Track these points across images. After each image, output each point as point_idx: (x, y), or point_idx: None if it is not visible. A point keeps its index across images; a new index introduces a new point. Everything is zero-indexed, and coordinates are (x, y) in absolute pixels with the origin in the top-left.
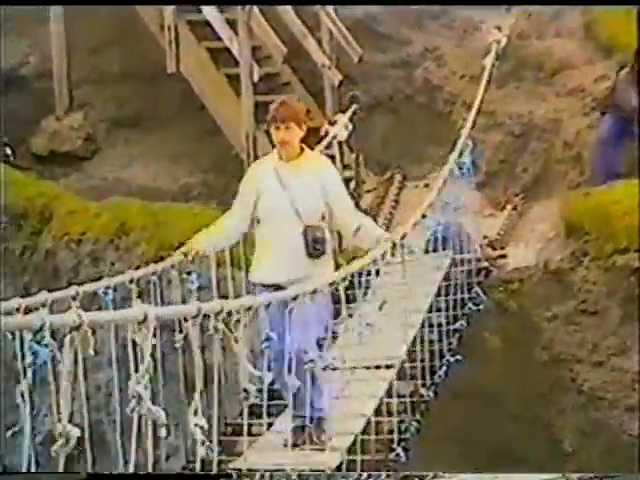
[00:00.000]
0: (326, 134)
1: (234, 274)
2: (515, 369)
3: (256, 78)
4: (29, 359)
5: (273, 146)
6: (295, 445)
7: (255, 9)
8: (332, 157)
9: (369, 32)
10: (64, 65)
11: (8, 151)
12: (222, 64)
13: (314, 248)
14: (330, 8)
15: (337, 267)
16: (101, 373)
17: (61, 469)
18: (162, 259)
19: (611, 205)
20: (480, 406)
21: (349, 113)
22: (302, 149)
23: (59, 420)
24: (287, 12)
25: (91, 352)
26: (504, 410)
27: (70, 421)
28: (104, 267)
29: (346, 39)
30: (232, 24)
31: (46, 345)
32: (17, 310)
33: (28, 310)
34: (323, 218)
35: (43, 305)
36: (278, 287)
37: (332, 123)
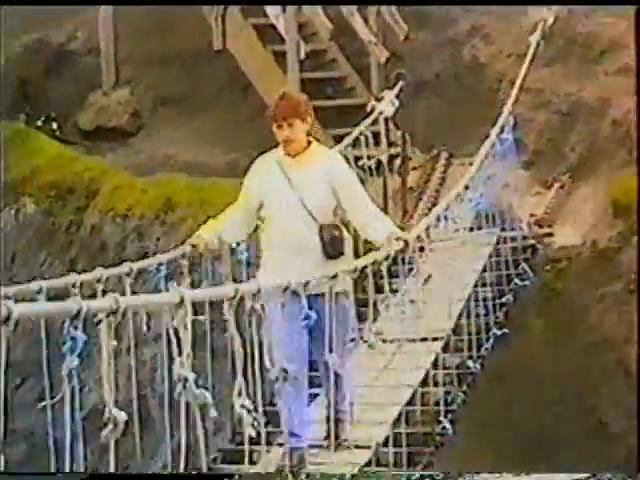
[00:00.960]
0: (372, 110)
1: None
2: (560, 349)
3: (302, 55)
4: (68, 344)
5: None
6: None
7: None
8: (378, 134)
9: (415, 10)
10: (111, 41)
11: (55, 126)
12: (268, 41)
13: (332, 248)
14: None
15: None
16: (146, 348)
17: (112, 455)
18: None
19: None
20: (524, 387)
21: (396, 90)
22: (309, 142)
23: (105, 405)
24: None
25: (130, 335)
26: (547, 390)
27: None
28: (150, 243)
29: (393, 17)
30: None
31: (84, 330)
32: (73, 286)
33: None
34: (336, 215)
35: (98, 281)
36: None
37: (378, 100)
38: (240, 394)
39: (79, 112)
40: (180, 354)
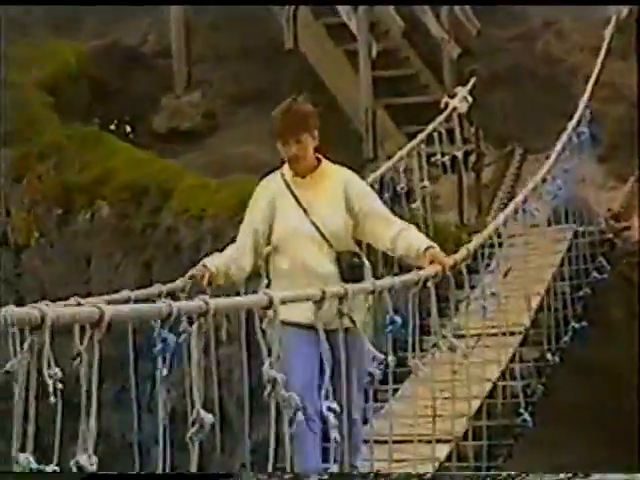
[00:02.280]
0: (445, 107)
1: None
2: (638, 342)
3: (374, 54)
4: (159, 347)
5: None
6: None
7: None
8: (452, 130)
9: (487, 6)
10: (183, 43)
11: (128, 129)
12: (340, 40)
13: (351, 277)
14: None
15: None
16: (221, 349)
17: (196, 455)
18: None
19: None
20: (603, 379)
21: (469, 86)
22: (318, 160)
23: (192, 406)
24: None
25: (223, 336)
26: (627, 382)
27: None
28: (224, 243)
29: (465, 13)
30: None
31: (174, 332)
32: (158, 296)
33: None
34: (354, 240)
35: (182, 290)
36: (308, 326)
37: (452, 96)
38: (327, 397)
39: (152, 115)
40: (269, 355)
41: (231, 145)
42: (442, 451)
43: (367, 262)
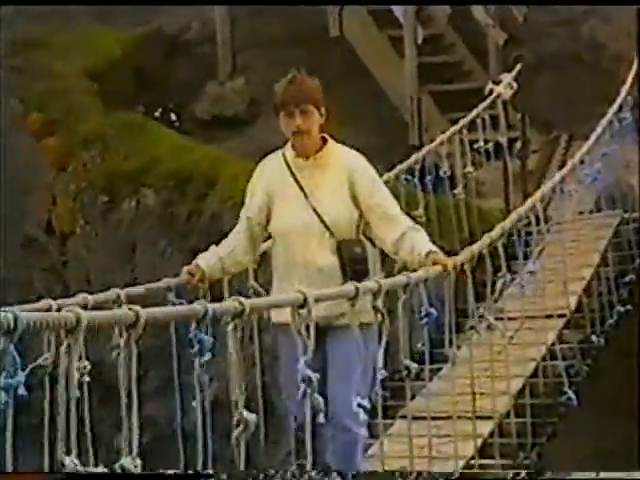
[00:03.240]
0: (490, 93)
1: None
2: None
3: (420, 40)
4: (196, 347)
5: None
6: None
7: None
8: (497, 117)
9: None
10: (227, 29)
11: (173, 116)
12: (385, 26)
13: (353, 270)
14: None
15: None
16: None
17: (243, 454)
18: None
19: None
20: None
21: (514, 72)
22: (324, 140)
23: (236, 407)
24: None
25: (255, 338)
26: None
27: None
28: None
29: None
30: None
31: (209, 333)
32: (168, 289)
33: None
34: (359, 229)
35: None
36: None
37: (496, 82)
38: (359, 394)
39: (196, 102)
40: (305, 353)
41: (274, 132)
42: (485, 428)
43: (372, 251)
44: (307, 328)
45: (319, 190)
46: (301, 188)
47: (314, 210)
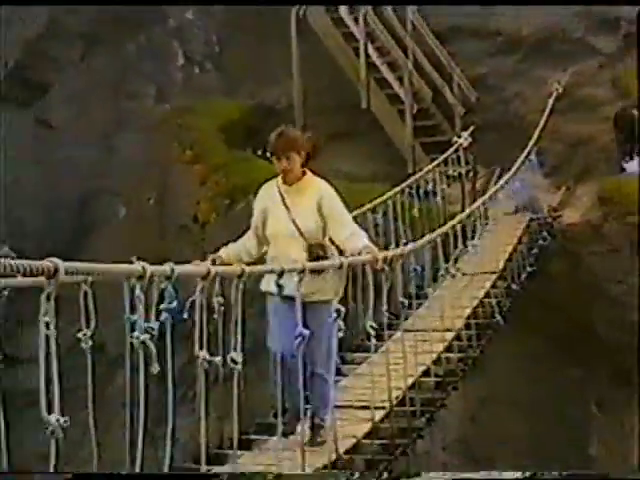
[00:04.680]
0: (455, 143)
1: None
2: (568, 281)
3: (414, 111)
4: (165, 306)
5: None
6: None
7: (414, 71)
8: (459, 157)
9: (481, 85)
10: (301, 101)
11: (268, 155)
12: (394, 102)
13: (316, 260)
14: (457, 69)
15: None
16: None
17: (236, 384)
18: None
19: (626, 186)
20: (546, 303)
21: (469, 131)
22: (304, 173)
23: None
24: (432, 72)
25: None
26: (555, 303)
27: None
28: None
29: (467, 87)
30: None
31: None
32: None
33: None
34: (324, 235)
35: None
36: (287, 297)
37: (459, 137)
38: (327, 350)
39: None
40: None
41: (328, 163)
42: (448, 335)
43: (332, 252)
44: (291, 298)
45: (297, 208)
46: (286, 206)
47: (293, 221)
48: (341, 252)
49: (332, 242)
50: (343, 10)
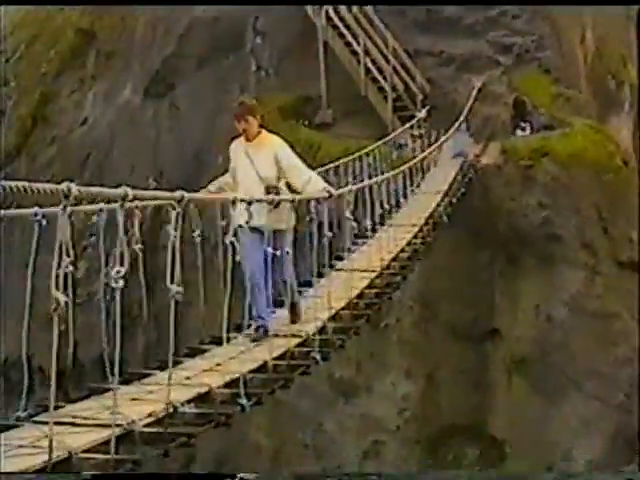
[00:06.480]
0: (417, 116)
1: None
2: (481, 202)
3: (394, 96)
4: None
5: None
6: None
7: (393, 73)
8: (420, 124)
9: (431, 83)
10: (325, 91)
11: (306, 123)
12: (381, 92)
13: (273, 202)
14: (418, 72)
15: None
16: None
17: (173, 312)
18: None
19: (516, 143)
20: (468, 215)
21: (426, 109)
22: (260, 132)
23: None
24: (403, 73)
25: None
26: (474, 212)
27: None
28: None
29: (424, 84)
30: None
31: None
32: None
33: None
34: (279, 179)
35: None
36: (254, 228)
37: (419, 112)
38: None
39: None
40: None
41: (340, 129)
42: (403, 242)
43: (285, 194)
44: (257, 228)
45: (257, 158)
46: (249, 157)
47: (255, 169)
48: (294, 193)
49: (288, 186)
50: (345, 32)
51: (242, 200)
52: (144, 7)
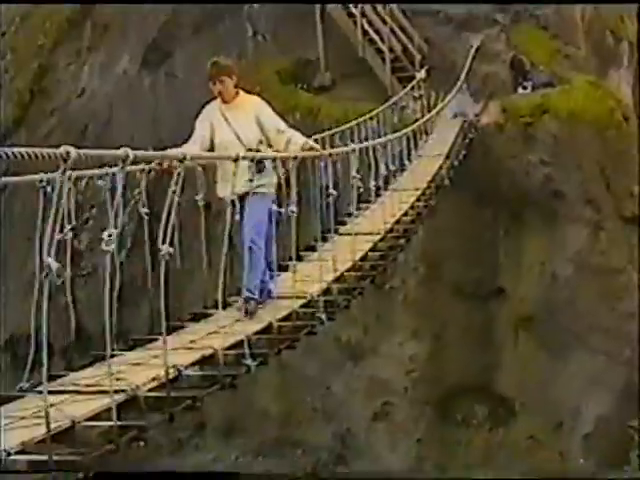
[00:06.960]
0: (416, 77)
1: None
2: (483, 161)
3: (391, 57)
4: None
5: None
6: None
7: (390, 34)
8: (420, 86)
9: (430, 43)
10: (323, 55)
11: (305, 87)
12: (379, 54)
13: (256, 166)
14: (416, 33)
15: (279, 178)
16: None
17: (164, 272)
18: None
19: (517, 101)
20: (472, 177)
21: (424, 69)
22: (237, 93)
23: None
24: (400, 34)
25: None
26: (476, 172)
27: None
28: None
29: (422, 44)
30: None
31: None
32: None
33: None
34: (261, 142)
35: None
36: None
37: (419, 72)
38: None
39: (314, 79)
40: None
41: (339, 93)
42: (405, 204)
43: (268, 154)
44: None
45: (237, 121)
46: (227, 120)
47: (235, 132)
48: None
49: (270, 146)
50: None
51: (244, 158)
52: None
